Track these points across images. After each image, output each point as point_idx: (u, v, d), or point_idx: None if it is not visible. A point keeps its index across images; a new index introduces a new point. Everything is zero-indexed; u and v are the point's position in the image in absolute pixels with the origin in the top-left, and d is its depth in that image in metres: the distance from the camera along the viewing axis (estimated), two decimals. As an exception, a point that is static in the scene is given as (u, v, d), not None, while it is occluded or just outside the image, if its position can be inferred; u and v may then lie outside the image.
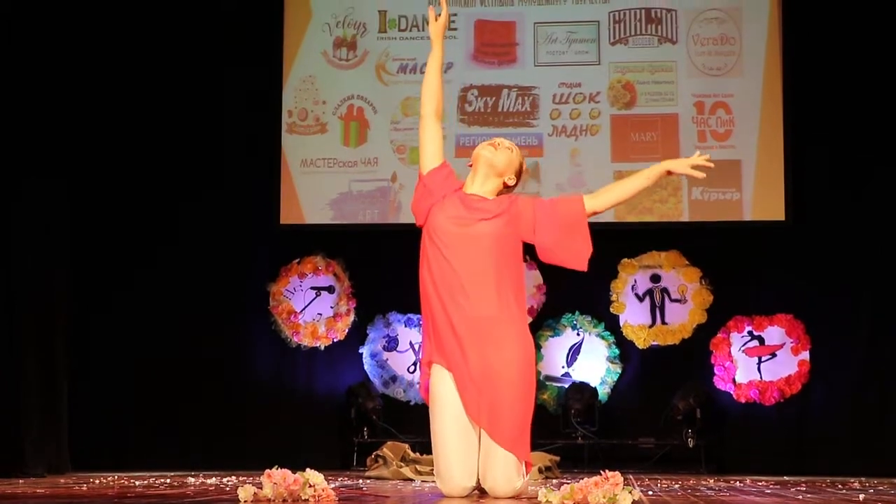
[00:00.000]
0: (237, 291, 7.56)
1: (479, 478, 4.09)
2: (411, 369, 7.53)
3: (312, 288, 7.64)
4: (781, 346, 7.32)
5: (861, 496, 4.31)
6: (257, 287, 7.58)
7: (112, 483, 5.15)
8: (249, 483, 3.66)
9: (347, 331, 7.60)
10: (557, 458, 6.47)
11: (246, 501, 3.48)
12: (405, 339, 7.57)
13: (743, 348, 7.35)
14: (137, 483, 5.11)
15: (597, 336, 7.49)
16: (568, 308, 7.54)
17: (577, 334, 7.52)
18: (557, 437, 7.08)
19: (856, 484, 5.56)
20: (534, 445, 4.52)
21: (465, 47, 7.69)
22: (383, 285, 7.54)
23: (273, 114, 7.69)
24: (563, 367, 7.49)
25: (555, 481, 5.63)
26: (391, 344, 7.57)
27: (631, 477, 5.75)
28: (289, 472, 3.54)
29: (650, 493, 4.57)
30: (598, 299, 7.53)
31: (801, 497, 4.43)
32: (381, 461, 6.36)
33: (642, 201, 7.47)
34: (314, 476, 3.53)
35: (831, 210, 7.31)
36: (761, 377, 7.30)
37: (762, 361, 7.32)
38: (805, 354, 7.25)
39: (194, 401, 7.37)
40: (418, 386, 7.23)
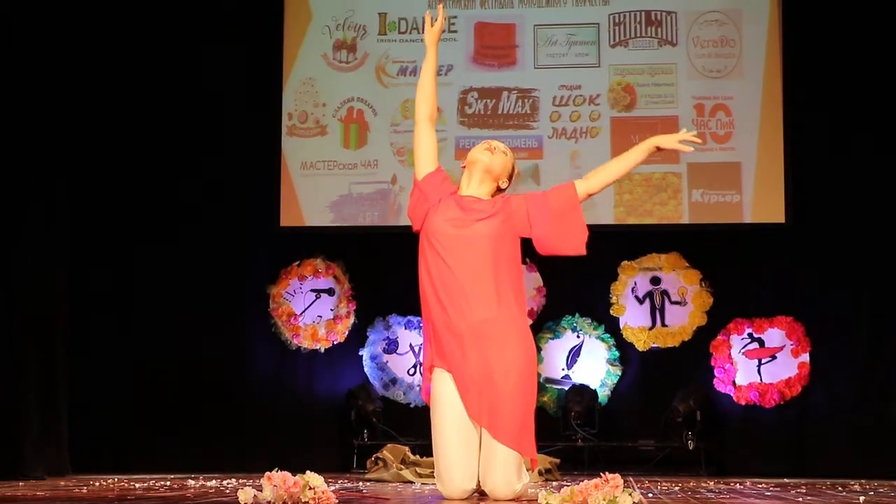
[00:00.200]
0: (237, 294, 7.56)
1: (479, 480, 4.10)
2: (411, 372, 7.52)
3: (312, 290, 7.64)
4: (781, 348, 7.31)
5: (861, 498, 4.31)
6: (257, 289, 7.58)
7: (112, 485, 5.15)
8: (249, 485, 3.66)
9: (347, 333, 7.60)
10: (557, 461, 6.47)
11: (246, 504, 3.48)
12: (405, 341, 7.56)
13: (743, 350, 7.35)
14: (137, 485, 5.11)
15: (597, 338, 7.49)
16: (568, 310, 7.54)
17: (577, 336, 7.51)
18: (557, 440, 7.07)
19: (856, 486, 5.56)
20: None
21: (465, 49, 7.69)
22: (383, 288, 7.54)
23: (273, 116, 7.69)
24: (563, 370, 7.49)
25: (555, 483, 5.63)
26: (391, 346, 7.57)
27: (631, 479, 5.75)
28: (289, 474, 3.53)
29: (650, 495, 4.57)
30: (598, 301, 7.53)
31: (801, 499, 4.43)
32: (381, 464, 6.37)
33: (643, 204, 7.48)
34: (314, 478, 3.52)
35: (831, 212, 7.31)
36: (761, 379, 7.30)
37: (762, 364, 7.32)
38: (805, 357, 7.25)
39: (194, 403, 7.36)
40: (419, 389, 7.24)
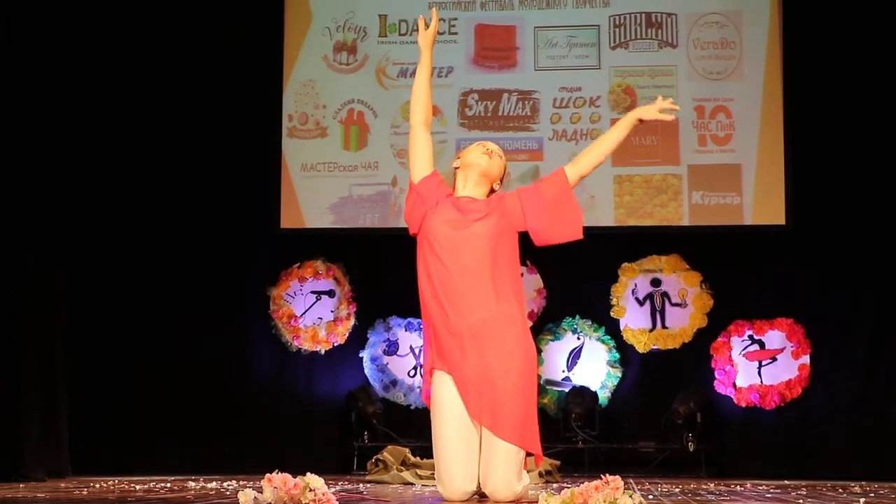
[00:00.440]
0: (237, 295, 7.56)
1: (479, 482, 4.10)
2: (412, 373, 7.52)
3: (313, 292, 7.64)
4: (782, 350, 7.31)
5: (862, 500, 4.31)
6: (258, 291, 7.58)
7: (112, 487, 5.15)
8: (250, 487, 3.66)
9: (348, 335, 7.60)
10: (558, 463, 6.47)
11: (246, 505, 3.48)
12: (405, 343, 7.57)
13: (743, 352, 7.35)
14: (138, 487, 5.11)
15: (597, 340, 7.49)
16: (568, 312, 7.54)
17: (578, 338, 7.51)
18: (558, 442, 7.07)
19: (856, 488, 5.56)
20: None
21: (465, 51, 7.70)
22: (384, 289, 7.54)
23: (273, 118, 7.69)
24: (563, 371, 7.49)
25: (555, 485, 5.63)
26: (391, 348, 7.57)
27: (631, 481, 5.75)
28: (289, 476, 3.53)
29: (651, 496, 4.57)
30: (598, 303, 7.53)
31: (801, 501, 4.43)
32: (381, 465, 6.37)
33: (643, 206, 7.48)
34: (314, 480, 3.52)
35: (831, 214, 7.31)
36: (762, 381, 7.30)
37: (763, 365, 7.32)
38: (805, 358, 7.25)
39: (195, 404, 7.36)
40: (419, 391, 7.23)
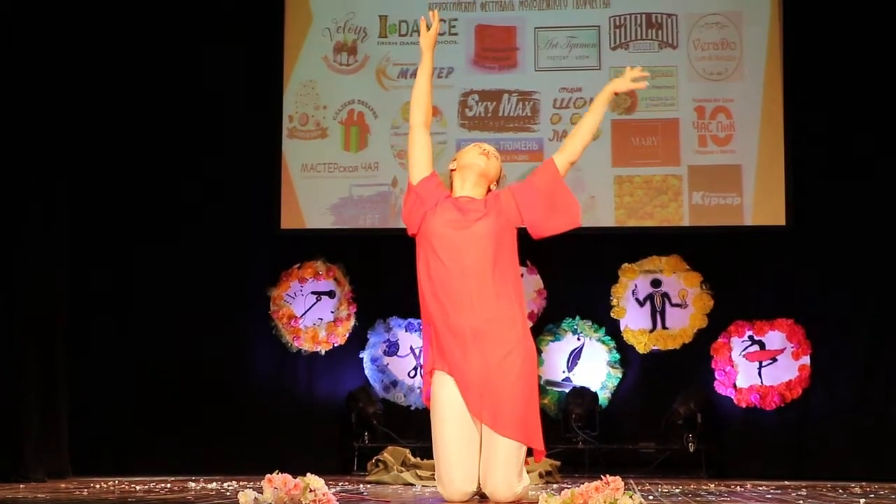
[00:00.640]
0: (238, 296, 7.56)
1: (479, 482, 4.10)
2: (412, 374, 7.52)
3: (313, 293, 7.64)
4: (782, 350, 7.31)
5: (862, 501, 4.31)
6: (258, 291, 7.58)
7: (112, 487, 5.15)
8: (250, 488, 3.66)
9: (348, 335, 7.60)
10: (558, 463, 6.47)
11: (246, 506, 3.48)
12: (406, 343, 7.56)
13: (744, 353, 7.35)
14: (138, 487, 5.11)
15: (597, 341, 7.49)
16: (568, 313, 7.54)
17: (578, 339, 7.51)
18: (558, 442, 7.07)
19: (857, 489, 5.56)
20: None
21: (465, 52, 7.70)
22: (384, 290, 7.54)
23: (273, 118, 7.69)
24: (563, 372, 7.49)
25: (555, 486, 5.63)
26: (392, 349, 7.57)
27: (632, 481, 5.74)
28: (289, 476, 3.53)
29: (651, 497, 4.57)
30: (598, 304, 7.53)
31: (801, 502, 4.43)
32: (381, 466, 6.37)
33: (643, 206, 7.48)
34: (315, 481, 3.52)
35: (831, 214, 7.30)
36: (762, 382, 7.30)
37: (763, 366, 7.32)
38: (806, 359, 7.25)
39: (195, 404, 7.36)
40: (419, 391, 7.23)
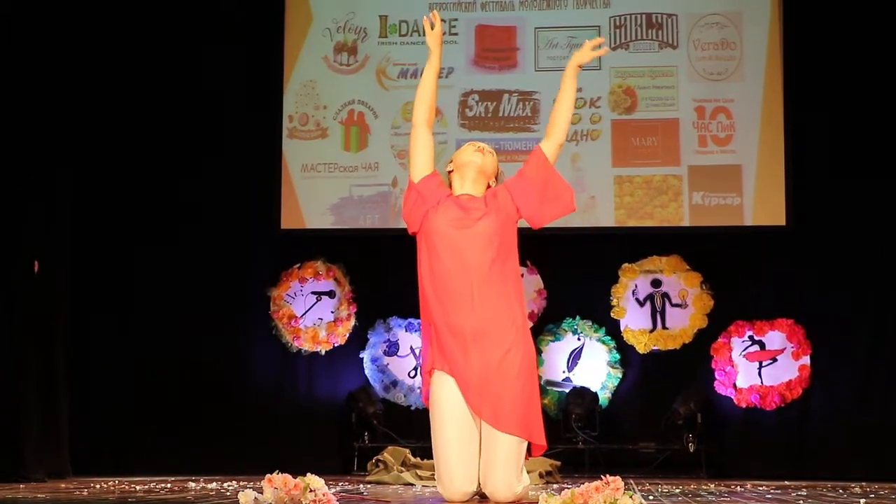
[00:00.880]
0: (238, 296, 7.56)
1: (479, 483, 4.10)
2: (412, 374, 7.52)
3: (313, 293, 7.64)
4: (782, 350, 7.31)
5: (862, 501, 4.30)
6: (258, 291, 7.58)
7: (113, 488, 5.15)
8: (250, 488, 3.66)
9: (348, 335, 7.60)
10: (558, 463, 6.47)
11: (247, 506, 3.48)
12: (406, 343, 7.56)
13: (744, 353, 7.35)
14: (138, 487, 5.11)
15: (597, 341, 7.49)
16: (569, 313, 7.54)
17: (578, 339, 7.51)
18: (558, 442, 7.06)
19: (856, 489, 5.56)
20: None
21: (465, 52, 7.70)
22: (384, 290, 7.55)
23: (274, 118, 7.69)
24: (563, 372, 7.49)
25: (555, 486, 5.63)
26: (392, 349, 7.57)
27: (632, 481, 5.74)
28: (289, 476, 3.53)
29: (651, 497, 4.57)
30: (598, 304, 7.53)
31: (801, 502, 4.43)
32: (381, 466, 6.37)
33: (643, 206, 7.48)
34: (315, 481, 3.52)
35: (832, 215, 7.31)
36: (762, 382, 7.30)
37: (763, 366, 7.32)
38: (806, 359, 7.25)
39: (195, 404, 7.37)
40: (419, 391, 7.23)
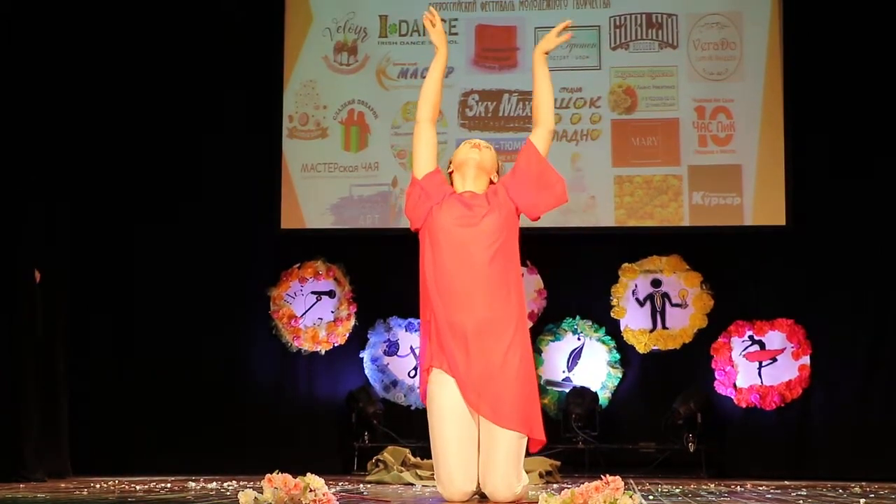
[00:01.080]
0: (238, 296, 7.57)
1: (479, 482, 4.10)
2: (412, 374, 7.52)
3: (313, 292, 7.64)
4: (782, 350, 7.31)
5: (862, 501, 4.30)
6: (258, 291, 7.58)
7: (113, 487, 5.15)
8: (250, 487, 3.66)
9: (348, 335, 7.60)
10: (558, 463, 6.47)
11: (246, 506, 3.48)
12: (406, 343, 7.56)
13: (744, 353, 7.35)
14: (138, 487, 5.11)
15: (597, 341, 7.49)
16: (569, 312, 7.54)
17: (578, 339, 7.51)
18: (558, 442, 7.06)
19: (856, 488, 5.56)
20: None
21: (465, 52, 7.70)
22: (384, 290, 7.54)
23: (274, 118, 7.69)
24: (563, 372, 7.49)
25: (555, 486, 5.63)
26: (392, 348, 7.57)
27: (632, 481, 5.75)
28: (289, 476, 3.53)
29: (651, 497, 4.57)
30: (598, 304, 7.53)
31: (801, 502, 4.43)
32: (381, 465, 6.37)
33: (643, 206, 7.48)
34: (315, 480, 3.52)
35: (832, 215, 7.31)
36: (762, 382, 7.30)
37: (763, 366, 7.32)
38: (806, 359, 7.25)
39: (195, 404, 7.37)
40: (419, 391, 7.23)
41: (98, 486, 5.32)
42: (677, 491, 5.19)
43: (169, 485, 5.36)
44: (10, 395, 5.93)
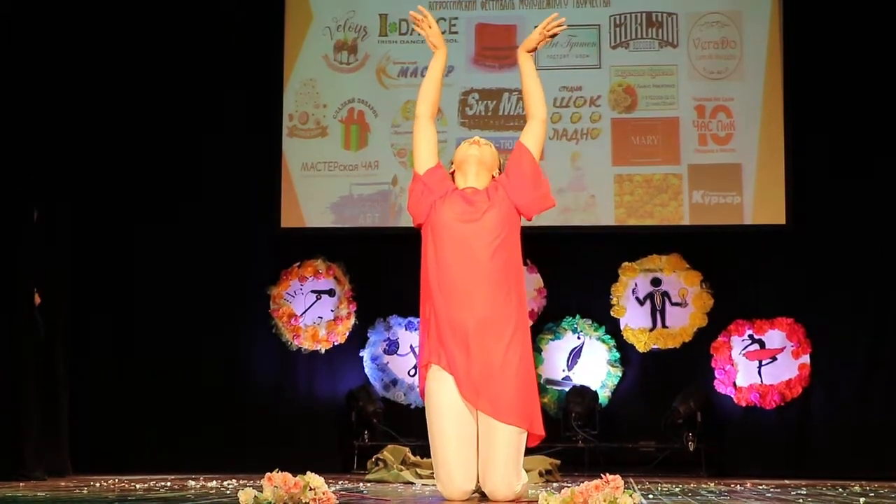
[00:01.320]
0: (238, 295, 7.57)
1: (478, 481, 4.10)
2: (412, 373, 7.52)
3: (313, 291, 7.64)
4: (782, 349, 7.31)
5: (862, 500, 4.30)
6: (258, 290, 7.58)
7: (112, 486, 5.15)
8: (250, 486, 3.66)
9: (348, 334, 7.60)
10: (558, 462, 6.46)
11: (246, 505, 3.48)
12: (406, 342, 7.56)
13: (743, 352, 7.35)
14: (138, 486, 5.11)
15: (597, 339, 7.49)
16: (568, 311, 7.54)
17: (578, 338, 7.51)
18: (558, 441, 7.07)
19: (856, 487, 5.56)
20: (535, 448, 4.52)
21: (465, 51, 7.70)
22: (384, 288, 7.55)
23: (273, 117, 7.69)
24: (563, 371, 7.49)
25: (555, 485, 5.63)
26: (392, 347, 7.57)
27: (631, 480, 5.74)
28: (289, 475, 3.53)
29: (651, 496, 4.57)
30: (598, 303, 7.53)
31: (801, 501, 4.43)
32: (381, 464, 6.37)
33: (643, 205, 7.48)
34: (315, 479, 3.52)
35: (832, 214, 7.31)
36: (762, 381, 7.30)
37: (763, 365, 7.32)
38: (805, 358, 7.25)
39: (195, 403, 7.37)
40: (418, 389, 7.23)
41: (98, 484, 5.32)
42: (677, 490, 5.20)
43: (169, 483, 5.36)
44: (10, 394, 5.92)
